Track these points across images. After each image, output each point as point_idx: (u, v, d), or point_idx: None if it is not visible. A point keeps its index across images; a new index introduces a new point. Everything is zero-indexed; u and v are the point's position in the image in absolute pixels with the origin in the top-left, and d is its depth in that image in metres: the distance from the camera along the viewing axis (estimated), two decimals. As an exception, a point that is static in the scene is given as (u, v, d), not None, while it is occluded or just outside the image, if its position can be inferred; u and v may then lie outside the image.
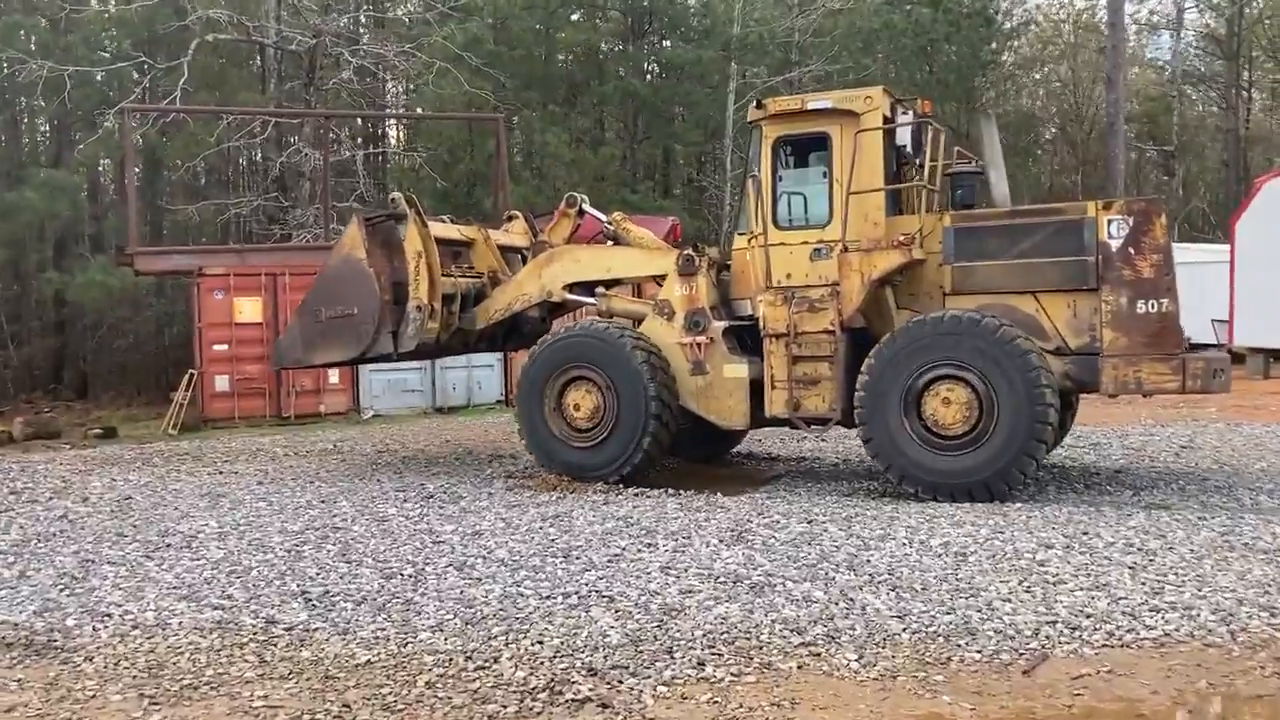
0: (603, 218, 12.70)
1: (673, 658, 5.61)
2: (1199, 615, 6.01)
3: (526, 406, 11.30)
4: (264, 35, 27.66)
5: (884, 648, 5.69)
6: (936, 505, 9.40)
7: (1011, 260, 9.88)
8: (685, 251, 11.20)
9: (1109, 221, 9.57)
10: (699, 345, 10.83)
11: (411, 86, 32.44)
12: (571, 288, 11.94)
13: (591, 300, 11.89)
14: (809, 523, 8.72)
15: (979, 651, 5.58)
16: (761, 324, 10.48)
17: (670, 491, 10.52)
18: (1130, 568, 7.04)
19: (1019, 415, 9.28)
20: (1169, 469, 11.44)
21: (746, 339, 11.00)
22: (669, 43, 34.54)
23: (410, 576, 7.39)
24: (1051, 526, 8.35)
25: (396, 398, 19.98)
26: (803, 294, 10.31)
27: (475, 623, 6.30)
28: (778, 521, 8.79)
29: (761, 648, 5.75)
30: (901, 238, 10.00)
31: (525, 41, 32.20)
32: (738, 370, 10.74)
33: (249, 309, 19.08)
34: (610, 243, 12.38)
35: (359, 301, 11.59)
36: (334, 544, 8.51)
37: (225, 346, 18.92)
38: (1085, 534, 8.02)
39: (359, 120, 33.62)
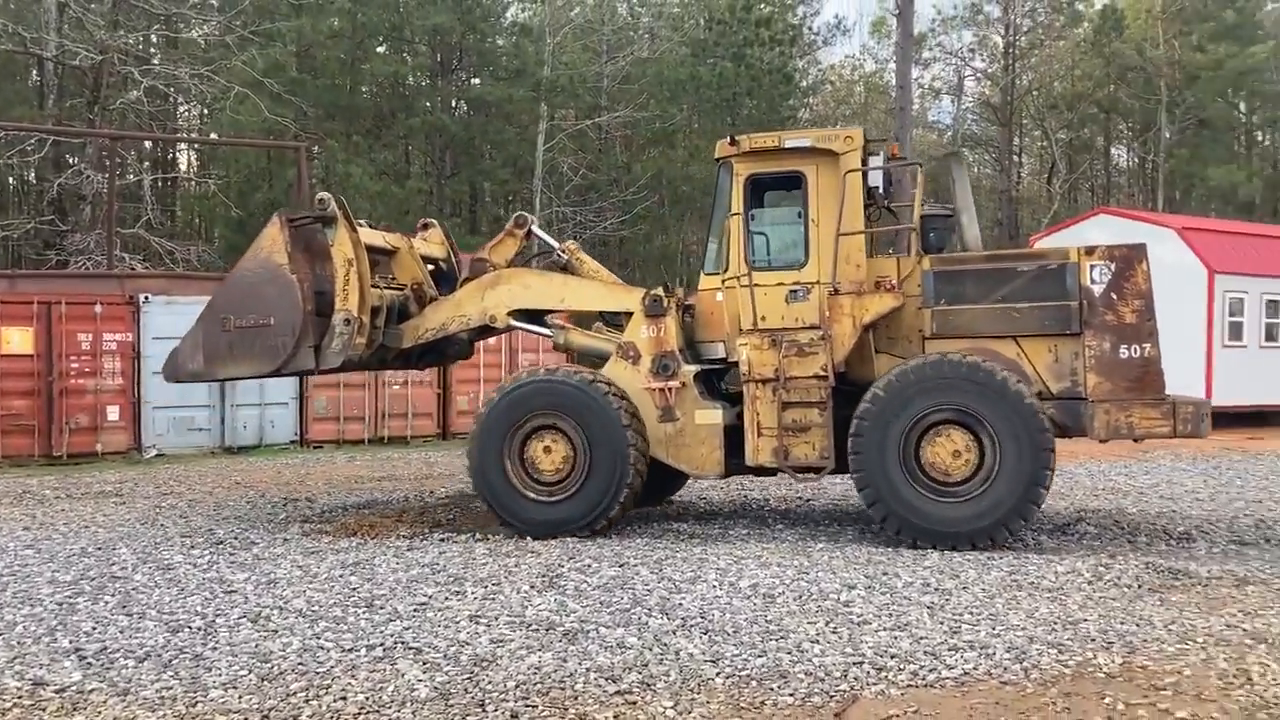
0: (555, 244, 12.02)
1: (485, 711, 5.41)
2: (995, 654, 6.25)
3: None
4: (43, 48, 25.96)
5: (699, 693, 5.65)
6: (743, 546, 9.51)
7: (993, 304, 9.76)
8: (653, 291, 10.58)
9: (1091, 267, 9.55)
10: (669, 390, 10.25)
11: (207, 111, 31.12)
12: (517, 314, 11.22)
13: (539, 329, 11.29)
14: (620, 566, 8.65)
15: (791, 695, 5.62)
16: (745, 368, 10.01)
17: (478, 536, 10.28)
18: (929, 607, 7.28)
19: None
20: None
21: (715, 383, 10.61)
22: (479, 80, 34.47)
23: (199, 629, 6.90)
24: (853, 566, 8.58)
25: (182, 436, 18.86)
26: (791, 338, 9.92)
27: (272, 679, 5.91)
28: (589, 565, 8.69)
29: (576, 697, 5.61)
30: (892, 281, 9.87)
31: (330, 70, 31.46)
32: (711, 416, 10.20)
33: (18, 339, 17.62)
34: (560, 271, 11.67)
35: (277, 311, 10.53)
36: (112, 595, 7.86)
37: (-11, 379, 17.41)
38: (885, 574, 8.26)
39: (148, 143, 31.93)
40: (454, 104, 35.43)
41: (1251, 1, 43.19)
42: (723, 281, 10.47)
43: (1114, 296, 9.50)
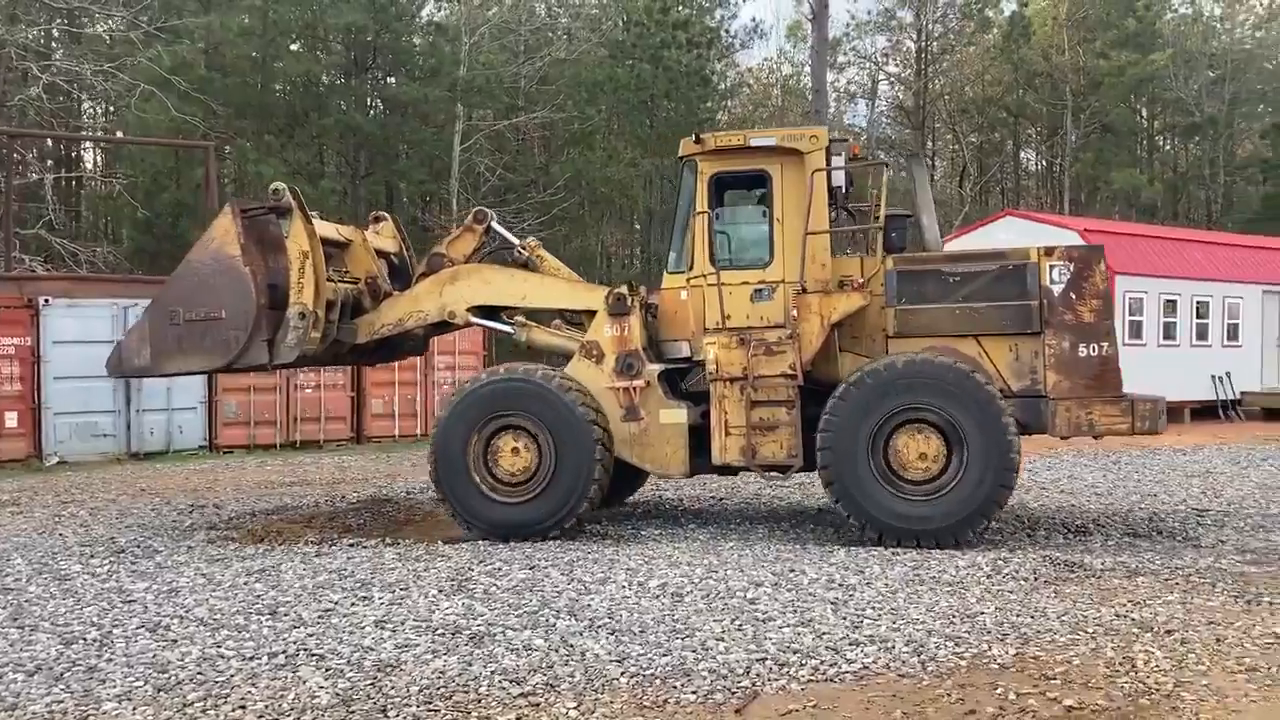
0: (514, 240, 11.82)
1: (387, 716, 5.38)
2: (894, 647, 6.38)
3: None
4: (-65, 42, 25.08)
5: (603, 693, 5.69)
6: (654, 546, 9.58)
7: (955, 304, 9.84)
8: (617, 289, 10.51)
9: (1050, 267, 9.68)
10: (633, 390, 10.18)
11: (112, 108, 30.32)
12: (476, 310, 11.06)
13: (501, 326, 11.14)
14: (531, 568, 8.65)
15: (694, 692, 5.68)
16: (713, 367, 9.94)
17: (388, 541, 10.18)
18: (833, 603, 7.40)
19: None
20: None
21: (676, 382, 10.55)
22: (394, 79, 34.09)
23: (94, 641, 6.73)
24: (762, 565, 8.68)
25: (85, 442, 18.33)
26: (759, 336, 9.90)
27: (168, 689, 5.80)
28: (499, 568, 8.68)
29: (480, 700, 5.61)
30: (859, 280, 9.93)
31: (240, 69, 30.88)
32: (675, 416, 10.14)
33: (-90, 344, 17.03)
34: (519, 268, 11.50)
35: (229, 304, 10.19)
36: (3, 607, 7.63)
37: (-122, 386, 16.77)
38: (792, 571, 8.39)
39: (49, 141, 31.00)
40: (369, 103, 35.02)
41: (1151, 10, 44.57)
42: (687, 280, 10.44)
43: (1073, 296, 9.65)
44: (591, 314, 10.64)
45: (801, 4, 41.87)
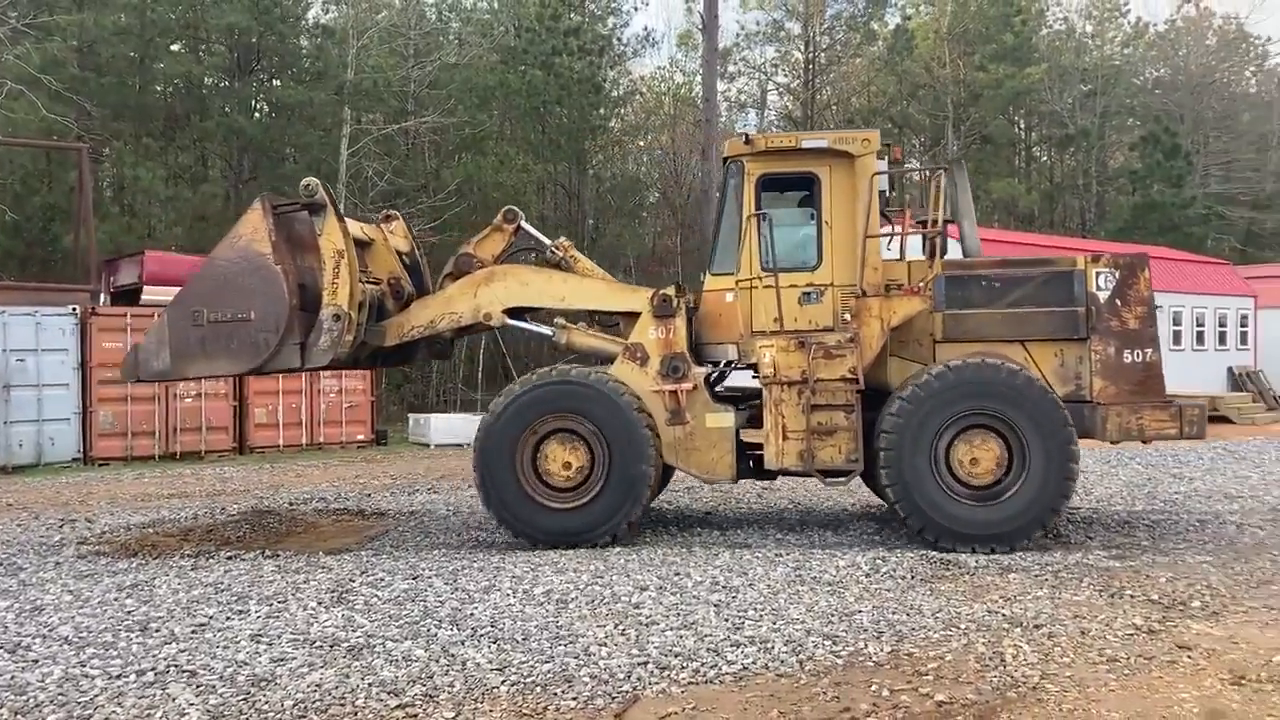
0: (546, 240, 11.47)
1: (258, 732, 5.25)
2: (773, 648, 6.47)
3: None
4: None
5: (482, 702, 5.64)
6: (541, 554, 9.53)
7: (1002, 309, 9.88)
8: (663, 291, 10.31)
9: (1097, 274, 9.80)
10: (680, 393, 10.03)
11: (-22, 107, 29.01)
12: (512, 313, 10.73)
13: (539, 328, 10.82)
14: (414, 579, 8.53)
15: (575, 698, 5.67)
16: (770, 370, 9.73)
17: (268, 553, 9.94)
18: (715, 605, 7.48)
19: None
20: (751, 510, 12.36)
21: (710, 386, 10.41)
22: (279, 82, 33.34)
23: (-52, 664, 6.42)
24: (648, 569, 8.72)
25: (-52, 457, 17.52)
26: (818, 339, 9.75)
27: (26, 712, 5.56)
28: (381, 579, 8.54)
29: (356, 713, 5.51)
30: (918, 284, 9.92)
31: (117, 68, 29.85)
32: (722, 420, 10.01)
33: None
34: (553, 269, 11.18)
35: (259, 305, 9.73)
36: None
37: None
38: (677, 575, 8.44)
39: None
40: (254, 106, 34.19)
41: (1028, 26, 46.18)
42: (736, 282, 10.28)
43: (1118, 303, 9.80)
44: (629, 315, 10.50)
45: (692, 14, 42.35)
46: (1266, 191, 47.46)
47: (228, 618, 7.40)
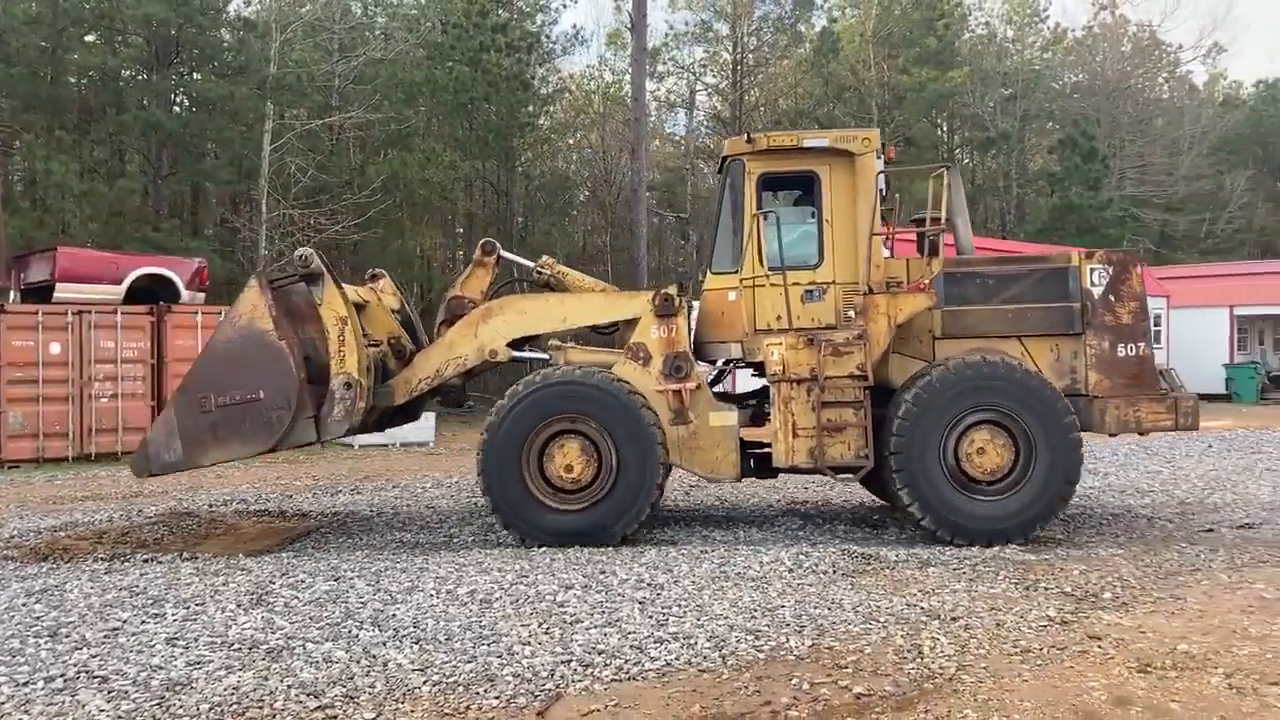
0: (530, 263, 11.30)
1: (172, 738, 5.15)
2: (696, 643, 6.51)
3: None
4: None
5: (404, 703, 5.60)
6: (465, 554, 9.48)
7: (999, 305, 10.06)
8: (664, 290, 10.30)
9: (1091, 270, 10.02)
10: (684, 392, 9.99)
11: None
12: (513, 344, 10.58)
13: (536, 355, 10.72)
14: (336, 580, 8.42)
15: (497, 697, 5.65)
16: (779, 368, 9.72)
17: (186, 555, 9.75)
18: (640, 603, 7.50)
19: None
20: (679, 507, 12.42)
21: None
22: (199, 76, 32.64)
23: None
24: (573, 568, 8.71)
25: None
26: (826, 337, 9.77)
27: (-72, 722, 5.39)
28: (302, 581, 8.41)
29: (274, 716, 5.43)
30: (922, 281, 9.95)
31: (27, 59, 28.94)
32: (726, 418, 10.02)
33: None
34: (543, 289, 11.11)
35: (267, 383, 9.60)
36: None
37: None
38: (602, 573, 8.45)
39: None
40: (173, 99, 33.41)
41: (951, 30, 47.00)
42: (740, 280, 10.28)
43: (1112, 299, 10.03)
44: (629, 323, 10.43)
45: (621, 13, 42.38)
46: (1179, 194, 48.85)
47: (142, 621, 7.24)
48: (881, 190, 10.59)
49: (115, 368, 19.34)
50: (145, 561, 9.52)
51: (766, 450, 10.17)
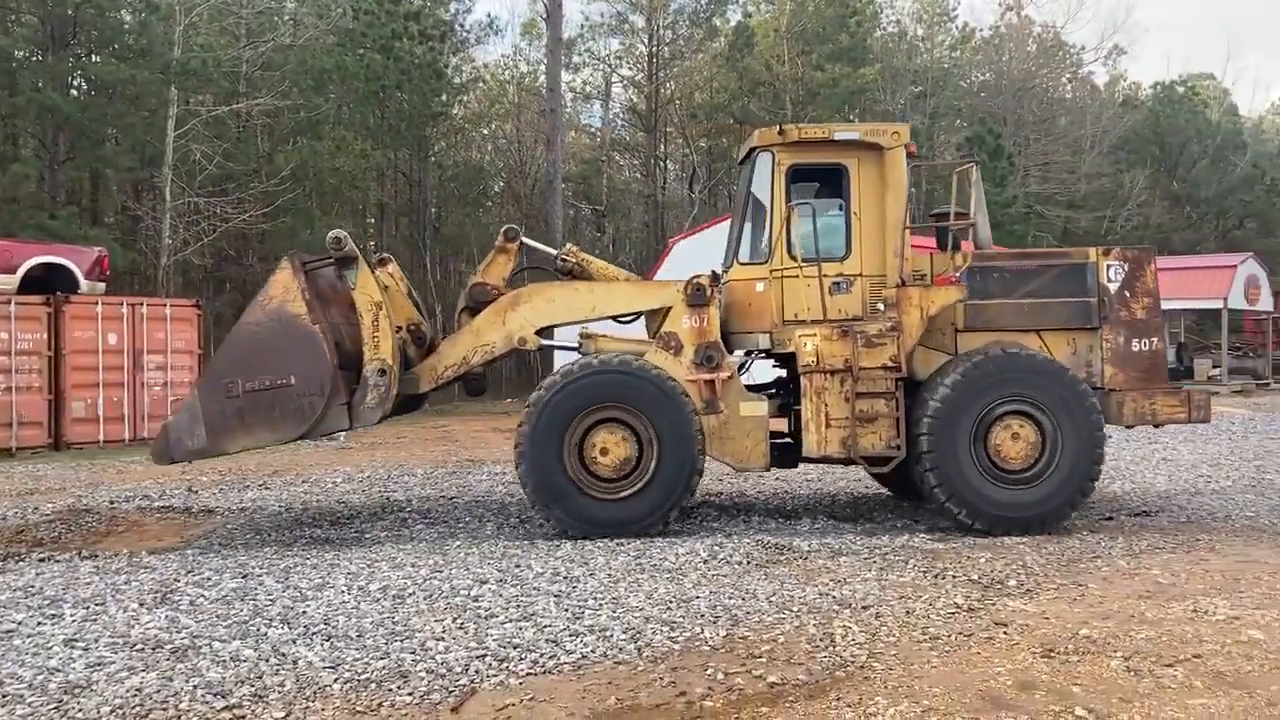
0: (552, 251, 11.07)
1: (71, 743, 4.98)
2: (612, 635, 6.51)
3: (540, 454, 9.68)
4: None
5: (314, 701, 5.49)
6: (377, 549, 9.35)
7: (1019, 300, 10.21)
8: (696, 280, 10.21)
9: (1108, 266, 10.21)
10: (716, 382, 9.94)
11: None
12: (543, 332, 10.40)
13: (562, 344, 10.51)
14: (244, 577, 8.24)
15: (410, 694, 5.58)
16: (811, 359, 9.79)
17: (85, 553, 9.45)
18: (555, 596, 7.47)
19: (1080, 451, 9.65)
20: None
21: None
22: (98, 58, 31.59)
23: None
24: (488, 562, 8.65)
25: None
26: (860, 328, 9.82)
27: None
28: (209, 578, 8.21)
29: (180, 717, 5.29)
30: (954, 274, 9.98)
31: (-87, 37, 27.74)
32: (756, 408, 10.03)
33: None
34: (567, 278, 10.90)
35: (298, 368, 9.26)
36: None
37: None
38: (518, 567, 8.40)
39: None
40: (70, 83, 32.29)
41: (863, 27, 47.68)
42: (770, 271, 10.24)
43: (1127, 294, 10.27)
44: (658, 312, 10.35)
45: (536, 3, 42.13)
46: (1081, 192, 50.30)
47: (39, 623, 6.99)
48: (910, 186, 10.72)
49: (9, 360, 18.65)
50: (41, 560, 9.21)
51: (785, 440, 10.41)
